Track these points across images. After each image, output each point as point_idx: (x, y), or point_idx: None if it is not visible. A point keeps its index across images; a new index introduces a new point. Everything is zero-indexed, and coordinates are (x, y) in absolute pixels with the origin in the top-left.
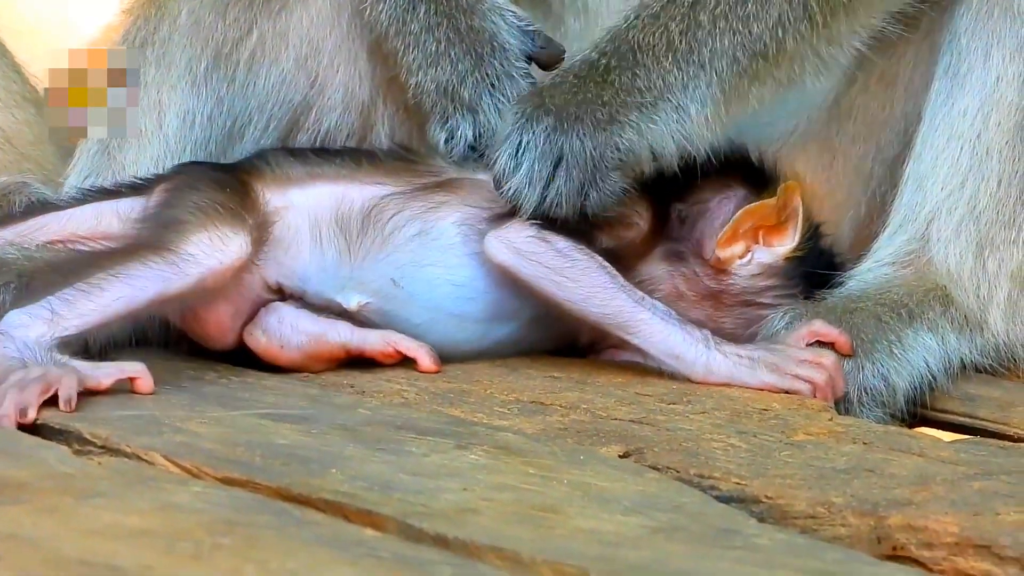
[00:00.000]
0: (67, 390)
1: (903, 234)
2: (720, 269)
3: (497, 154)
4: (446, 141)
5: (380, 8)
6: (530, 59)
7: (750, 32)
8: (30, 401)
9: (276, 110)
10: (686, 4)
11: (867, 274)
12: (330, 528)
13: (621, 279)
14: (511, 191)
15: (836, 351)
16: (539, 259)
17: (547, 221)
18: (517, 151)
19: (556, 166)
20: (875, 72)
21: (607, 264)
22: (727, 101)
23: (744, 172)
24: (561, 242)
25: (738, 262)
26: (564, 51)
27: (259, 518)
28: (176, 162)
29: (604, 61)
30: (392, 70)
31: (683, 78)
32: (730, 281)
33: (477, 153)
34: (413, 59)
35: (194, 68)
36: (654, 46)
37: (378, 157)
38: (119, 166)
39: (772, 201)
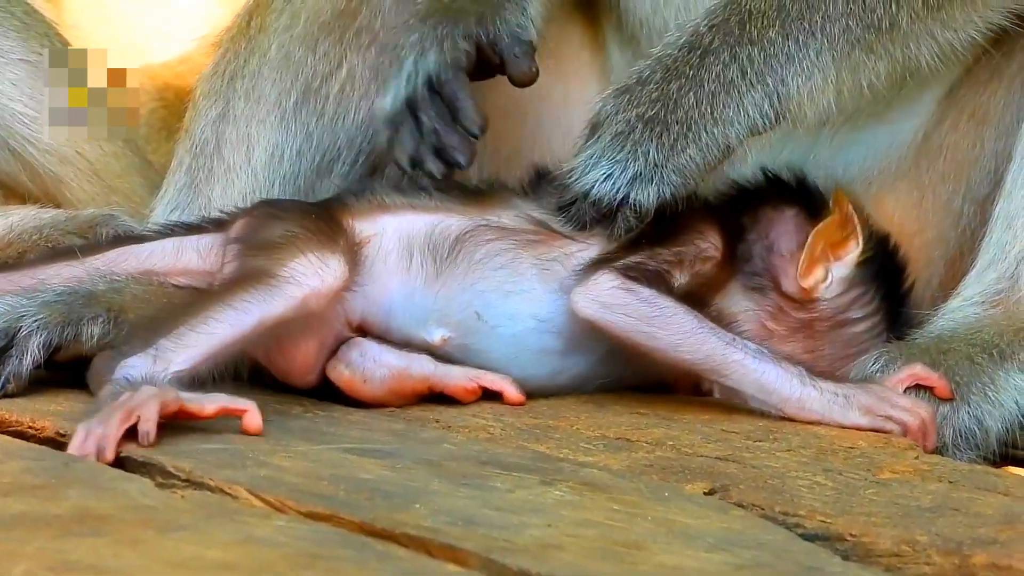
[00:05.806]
0: (146, 423)
1: (992, 273)
2: (808, 299)
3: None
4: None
5: None
6: None
7: (864, 2)
8: (108, 438)
9: (365, 145)
10: None
11: (956, 313)
12: (413, 563)
13: (708, 323)
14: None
15: (935, 396)
16: (626, 311)
17: (627, 268)
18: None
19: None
20: (965, 110)
21: (692, 310)
22: (839, 70)
23: (788, 193)
24: (645, 290)
25: (822, 286)
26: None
27: (342, 552)
28: (264, 197)
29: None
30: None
31: (791, 48)
32: (820, 307)
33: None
34: None
35: (283, 102)
36: (764, 13)
37: (472, 192)
38: (206, 200)
39: (834, 216)
